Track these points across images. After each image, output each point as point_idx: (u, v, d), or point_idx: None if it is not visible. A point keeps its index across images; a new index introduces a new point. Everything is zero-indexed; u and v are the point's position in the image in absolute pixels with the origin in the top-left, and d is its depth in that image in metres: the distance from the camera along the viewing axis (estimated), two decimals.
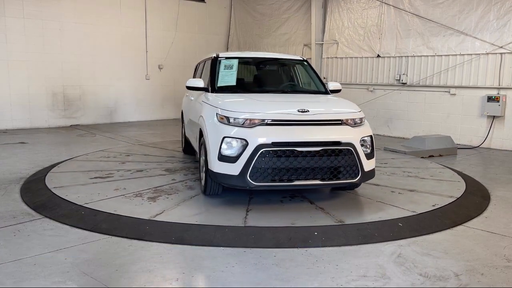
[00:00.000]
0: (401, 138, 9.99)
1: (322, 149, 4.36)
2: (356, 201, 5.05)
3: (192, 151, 7.43)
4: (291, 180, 4.38)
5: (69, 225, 4.15)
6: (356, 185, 5.00)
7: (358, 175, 4.57)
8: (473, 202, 5.09)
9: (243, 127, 4.40)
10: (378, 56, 10.60)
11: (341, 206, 4.80)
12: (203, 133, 4.83)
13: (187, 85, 5.61)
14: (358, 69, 11.14)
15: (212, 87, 5.49)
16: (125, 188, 5.23)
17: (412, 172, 6.47)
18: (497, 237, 4.04)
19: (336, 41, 11.58)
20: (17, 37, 10.50)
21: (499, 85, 8.62)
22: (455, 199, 5.09)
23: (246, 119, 4.42)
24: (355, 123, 4.69)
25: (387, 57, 10.42)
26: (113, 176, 5.80)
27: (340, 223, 4.23)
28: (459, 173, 6.48)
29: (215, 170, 4.49)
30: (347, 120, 4.65)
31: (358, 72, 11.16)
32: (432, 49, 9.55)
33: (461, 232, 4.15)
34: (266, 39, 13.46)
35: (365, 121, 4.87)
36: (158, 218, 4.24)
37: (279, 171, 4.32)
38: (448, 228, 4.24)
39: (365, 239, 3.90)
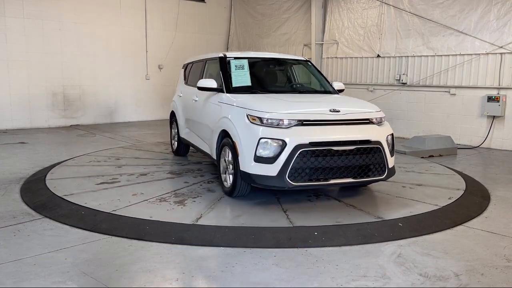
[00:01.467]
0: (401, 138, 9.97)
1: (355, 148, 4.47)
2: (378, 197, 5.16)
3: (184, 153, 7.39)
4: (327, 179, 4.45)
5: (69, 225, 4.15)
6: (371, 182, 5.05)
7: (385, 172, 4.74)
8: (473, 202, 5.09)
9: (278, 127, 4.39)
10: (378, 56, 10.60)
11: (369, 203, 4.90)
12: (231, 135, 4.76)
13: (199, 85, 5.53)
14: (358, 69, 11.15)
15: (227, 87, 5.43)
16: (143, 193, 5.05)
17: (408, 168, 6.50)
18: (497, 237, 4.04)
19: (336, 41, 11.58)
20: (17, 37, 10.50)
21: (499, 85, 8.62)
22: (462, 191, 5.30)
23: (281, 120, 4.41)
24: (378, 122, 4.85)
25: (387, 57, 10.42)
26: (120, 181, 5.59)
27: (379, 219, 4.33)
28: (459, 173, 6.48)
29: (250, 172, 4.46)
30: (372, 119, 4.80)
31: (358, 72, 11.16)
32: (432, 49, 9.55)
33: (461, 232, 4.15)
34: (266, 39, 13.46)
35: (384, 120, 5.02)
36: (200, 223, 4.15)
37: (316, 171, 4.37)
38: (448, 228, 4.24)
39: (365, 239, 3.90)
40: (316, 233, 3.96)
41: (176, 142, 7.42)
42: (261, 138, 4.36)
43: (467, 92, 9.10)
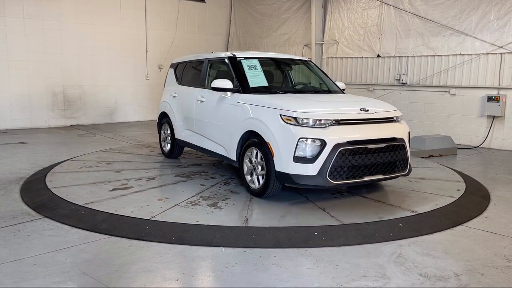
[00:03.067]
0: None
1: (386, 145, 4.67)
2: (397, 192, 5.38)
3: (177, 155, 7.14)
4: (362, 176, 4.59)
5: (69, 225, 4.15)
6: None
7: (407, 167, 4.98)
8: (473, 202, 5.09)
9: (315, 127, 4.46)
10: (378, 56, 10.60)
11: (394, 198, 5.14)
12: (264, 136, 4.73)
13: (214, 86, 5.41)
14: (358, 69, 11.15)
15: (244, 88, 5.37)
16: (168, 198, 4.90)
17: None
18: (497, 237, 4.04)
19: (336, 41, 11.58)
20: (17, 37, 10.50)
21: (499, 85, 8.62)
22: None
23: (318, 119, 4.48)
24: (398, 120, 5.07)
25: (387, 57, 10.42)
26: (132, 187, 5.34)
27: (414, 213, 4.51)
28: (459, 173, 6.48)
29: (289, 172, 4.47)
30: (394, 117, 5.02)
31: (358, 72, 11.16)
32: (432, 49, 9.55)
33: (461, 232, 4.15)
34: (266, 39, 13.46)
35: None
36: (251, 224, 4.13)
37: (353, 168, 4.50)
38: (448, 228, 4.24)
39: (365, 239, 3.90)
40: (316, 233, 3.96)
41: (169, 144, 7.19)
42: (300, 139, 4.39)
43: (467, 92, 9.10)
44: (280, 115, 4.61)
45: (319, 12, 11.74)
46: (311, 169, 4.39)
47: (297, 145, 4.40)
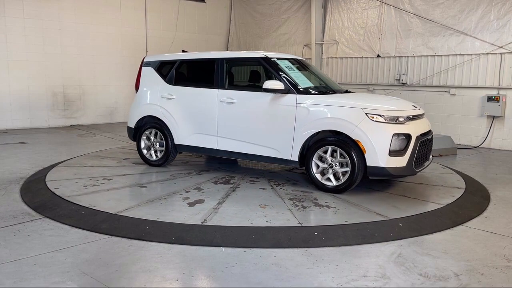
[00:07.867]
0: None
1: (431, 136, 5.52)
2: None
3: (168, 163, 6.46)
4: (423, 164, 5.34)
5: (69, 225, 4.15)
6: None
7: (430, 155, 5.72)
8: (473, 202, 5.09)
9: (398, 123, 4.96)
10: (378, 56, 10.60)
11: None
12: (353, 134, 4.94)
13: (268, 87, 5.30)
14: (358, 69, 11.15)
15: (295, 88, 5.40)
16: (266, 205, 4.69)
17: None
18: (497, 237, 4.05)
19: (336, 41, 11.58)
20: (17, 37, 10.50)
21: (499, 85, 8.62)
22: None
23: (397, 117, 4.98)
24: None
25: (387, 57, 10.42)
26: (204, 200, 4.83)
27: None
28: (459, 173, 6.48)
29: (385, 166, 4.88)
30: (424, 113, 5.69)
31: (358, 72, 11.16)
32: (432, 49, 9.55)
33: (461, 232, 4.16)
34: (266, 39, 13.46)
35: None
36: (390, 217, 4.41)
37: (421, 157, 5.24)
38: (448, 228, 4.24)
39: (365, 239, 3.90)
40: (316, 233, 3.96)
41: (159, 152, 6.49)
42: (394, 134, 4.85)
43: (467, 92, 9.10)
44: (366, 114, 4.94)
45: (319, 12, 11.74)
46: (401, 161, 4.91)
47: (391, 140, 4.84)
